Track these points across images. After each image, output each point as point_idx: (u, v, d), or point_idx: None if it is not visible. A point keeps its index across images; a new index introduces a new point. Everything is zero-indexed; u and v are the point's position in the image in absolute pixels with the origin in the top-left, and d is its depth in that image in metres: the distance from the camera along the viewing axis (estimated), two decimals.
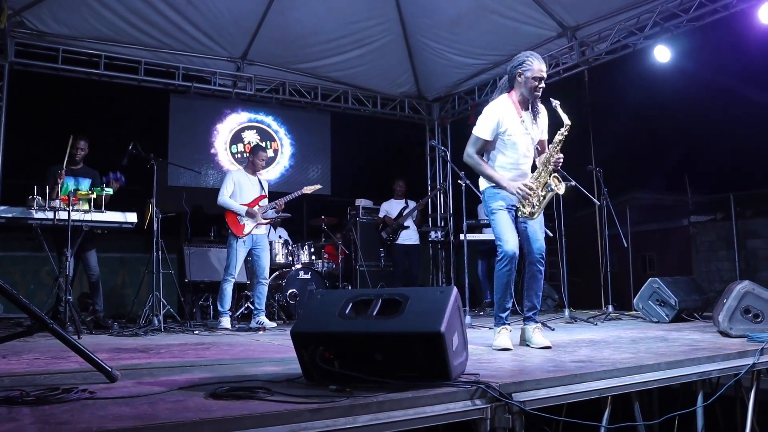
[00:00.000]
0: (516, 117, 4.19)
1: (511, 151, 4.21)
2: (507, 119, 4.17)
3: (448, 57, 9.87)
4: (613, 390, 2.89)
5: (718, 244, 12.54)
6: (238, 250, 6.72)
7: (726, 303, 4.59)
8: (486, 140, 4.21)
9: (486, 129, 4.19)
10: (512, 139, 4.17)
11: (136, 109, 10.64)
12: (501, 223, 4.18)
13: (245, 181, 6.93)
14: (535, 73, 4.09)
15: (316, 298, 2.86)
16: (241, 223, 6.74)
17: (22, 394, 2.25)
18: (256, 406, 2.12)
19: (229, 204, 6.76)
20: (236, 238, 6.71)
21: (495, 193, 4.24)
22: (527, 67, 4.11)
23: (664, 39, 8.12)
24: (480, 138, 4.22)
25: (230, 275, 6.69)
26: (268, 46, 9.51)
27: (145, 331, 5.88)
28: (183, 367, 3.37)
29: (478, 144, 4.24)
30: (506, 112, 4.19)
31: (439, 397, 2.34)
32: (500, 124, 4.16)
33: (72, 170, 6.63)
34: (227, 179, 6.91)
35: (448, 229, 10.45)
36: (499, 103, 4.23)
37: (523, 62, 4.13)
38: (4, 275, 8.24)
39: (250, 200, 6.85)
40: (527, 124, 4.20)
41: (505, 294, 4.20)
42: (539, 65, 4.10)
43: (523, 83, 4.15)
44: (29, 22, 8.19)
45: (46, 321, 2.66)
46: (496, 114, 4.18)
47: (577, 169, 7.17)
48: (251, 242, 6.80)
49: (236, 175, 6.98)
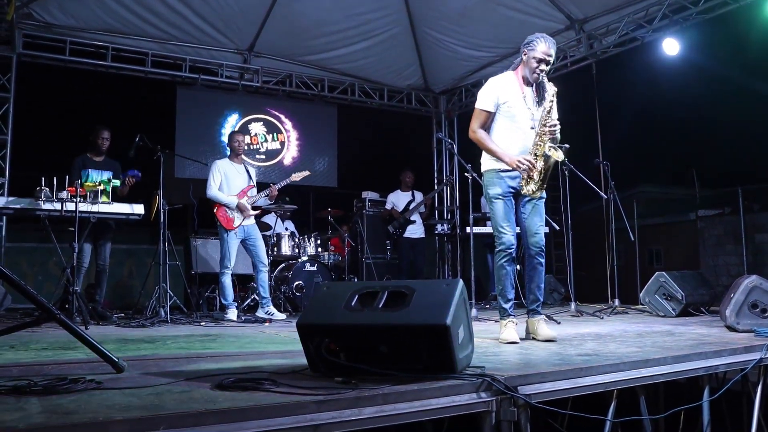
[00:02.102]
0: (518, 91, 4.18)
1: (512, 124, 4.17)
2: (507, 91, 4.17)
3: (455, 49, 9.84)
4: (618, 384, 2.88)
5: (725, 238, 12.50)
6: (230, 243, 6.70)
7: (733, 297, 4.57)
8: (488, 112, 4.19)
9: (486, 100, 4.19)
10: (511, 111, 4.15)
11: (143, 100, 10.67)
12: (499, 212, 4.17)
13: (231, 171, 6.88)
14: (538, 54, 4.06)
15: (323, 290, 2.86)
16: (230, 216, 6.72)
17: (30, 384, 2.26)
18: (262, 397, 2.12)
19: (220, 197, 6.71)
20: (227, 231, 6.71)
21: (494, 179, 4.21)
22: (532, 47, 4.09)
23: (673, 32, 8.07)
24: (482, 110, 4.20)
25: (226, 267, 6.69)
26: (274, 38, 9.50)
27: (152, 323, 5.90)
28: (189, 358, 3.38)
29: (481, 117, 4.22)
30: (507, 84, 4.20)
31: (445, 389, 2.34)
32: (500, 95, 4.16)
33: (95, 162, 6.67)
34: (213, 170, 6.80)
35: (455, 221, 10.44)
36: (500, 77, 4.26)
37: (530, 42, 4.12)
38: (13, 266, 8.28)
39: (238, 190, 6.82)
40: (528, 100, 4.17)
41: (506, 284, 4.21)
42: (545, 47, 4.07)
43: (526, 62, 4.14)
44: (37, 13, 8.20)
45: (53, 311, 2.67)
46: (496, 85, 4.20)
47: (584, 163, 7.16)
48: (243, 233, 6.78)
49: (222, 164, 6.89)
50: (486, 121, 4.23)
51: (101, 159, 6.76)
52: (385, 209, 9.19)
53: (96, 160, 6.71)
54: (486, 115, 4.21)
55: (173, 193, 7.85)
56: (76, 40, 8.62)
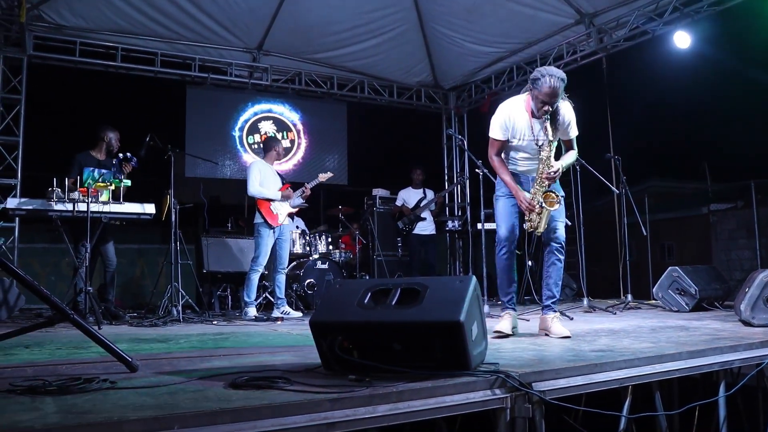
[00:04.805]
0: (526, 121, 4.21)
1: (520, 153, 4.29)
2: (515, 121, 4.21)
3: (464, 45, 9.81)
4: (633, 380, 2.87)
5: (738, 232, 12.40)
6: (268, 241, 6.73)
7: (748, 292, 4.53)
8: (500, 140, 4.27)
9: (496, 129, 4.27)
10: (519, 142, 4.25)
11: (152, 100, 10.71)
12: (500, 209, 4.34)
13: (269, 172, 6.94)
14: (542, 96, 4.05)
15: (335, 288, 2.85)
16: (275, 213, 6.75)
17: (45, 384, 2.27)
18: (276, 395, 2.12)
19: (264, 193, 6.74)
20: (269, 228, 6.71)
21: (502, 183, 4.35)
22: (537, 86, 4.06)
23: (684, 24, 8.00)
24: (494, 139, 4.29)
25: (260, 265, 6.70)
26: (283, 36, 9.49)
27: (164, 322, 5.92)
28: (202, 357, 3.39)
29: (495, 145, 4.31)
30: (515, 112, 4.22)
31: (459, 386, 2.33)
32: (507, 124, 4.22)
33: (96, 160, 6.68)
34: (253, 170, 6.84)
35: (466, 218, 10.42)
36: (509, 103, 4.29)
37: (537, 80, 4.05)
38: (25, 266, 8.33)
39: (275, 190, 6.88)
40: (536, 131, 4.18)
41: (505, 279, 4.30)
42: (548, 89, 3.99)
43: (533, 99, 4.15)
44: (47, 15, 8.24)
45: (67, 312, 2.68)
46: (503, 115, 4.25)
47: (595, 157, 7.12)
48: (279, 231, 6.83)
49: (260, 165, 6.95)
50: (501, 147, 4.32)
51: (103, 158, 6.76)
52: (395, 206, 9.17)
53: (97, 159, 6.70)
54: (499, 143, 4.29)
55: (184, 193, 7.88)
56: (86, 41, 8.66)
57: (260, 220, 6.73)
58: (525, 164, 4.31)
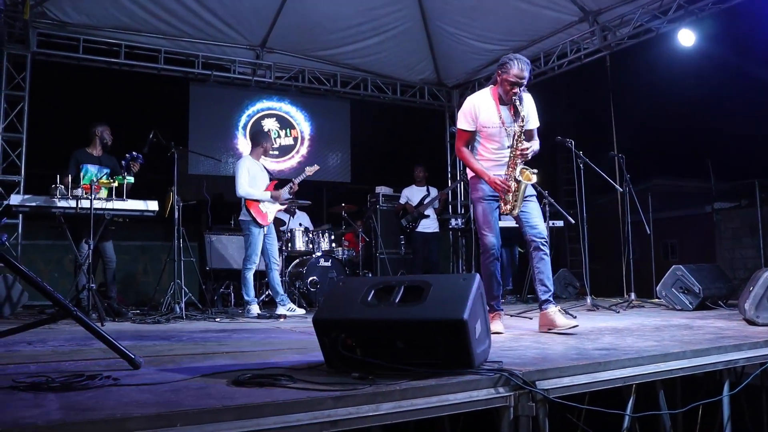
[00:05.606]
0: (494, 110, 4.28)
1: (490, 142, 4.34)
2: (483, 111, 4.29)
3: (467, 43, 9.79)
4: (637, 378, 2.85)
5: (742, 231, 12.35)
6: (259, 239, 6.74)
7: (752, 291, 4.51)
8: (468, 131, 4.34)
9: (464, 120, 4.34)
10: (488, 130, 4.31)
11: (156, 97, 10.68)
12: (480, 215, 4.39)
13: (257, 169, 6.90)
14: (510, 77, 4.15)
15: (338, 286, 2.84)
16: (264, 212, 6.75)
17: (48, 381, 2.27)
18: (279, 393, 2.11)
19: (253, 194, 6.73)
20: (259, 227, 6.72)
21: (477, 184, 4.40)
22: (505, 70, 4.18)
23: (689, 22, 7.98)
24: (462, 130, 4.35)
25: (253, 263, 6.71)
26: (287, 33, 9.49)
27: (167, 319, 5.93)
28: (205, 355, 3.38)
29: (463, 136, 4.38)
30: (483, 103, 4.31)
31: (462, 384, 2.32)
32: (476, 115, 4.29)
33: (93, 157, 6.67)
34: (241, 168, 6.78)
35: (469, 216, 10.40)
36: (477, 96, 4.39)
37: (504, 63, 4.20)
38: (28, 263, 8.34)
39: (264, 188, 6.86)
40: (504, 117, 4.28)
41: (493, 283, 4.34)
42: (517, 71, 4.13)
43: (500, 83, 4.24)
44: (51, 12, 8.25)
45: (70, 308, 2.68)
46: (471, 106, 4.33)
47: (598, 155, 7.10)
48: (267, 229, 6.83)
49: (248, 163, 6.89)
50: (468, 139, 4.39)
51: (99, 154, 6.75)
52: (398, 203, 9.17)
53: (94, 156, 6.70)
54: (467, 134, 4.36)
55: (187, 190, 7.87)
56: (90, 38, 8.67)
57: (248, 218, 6.73)
58: (496, 155, 4.34)
